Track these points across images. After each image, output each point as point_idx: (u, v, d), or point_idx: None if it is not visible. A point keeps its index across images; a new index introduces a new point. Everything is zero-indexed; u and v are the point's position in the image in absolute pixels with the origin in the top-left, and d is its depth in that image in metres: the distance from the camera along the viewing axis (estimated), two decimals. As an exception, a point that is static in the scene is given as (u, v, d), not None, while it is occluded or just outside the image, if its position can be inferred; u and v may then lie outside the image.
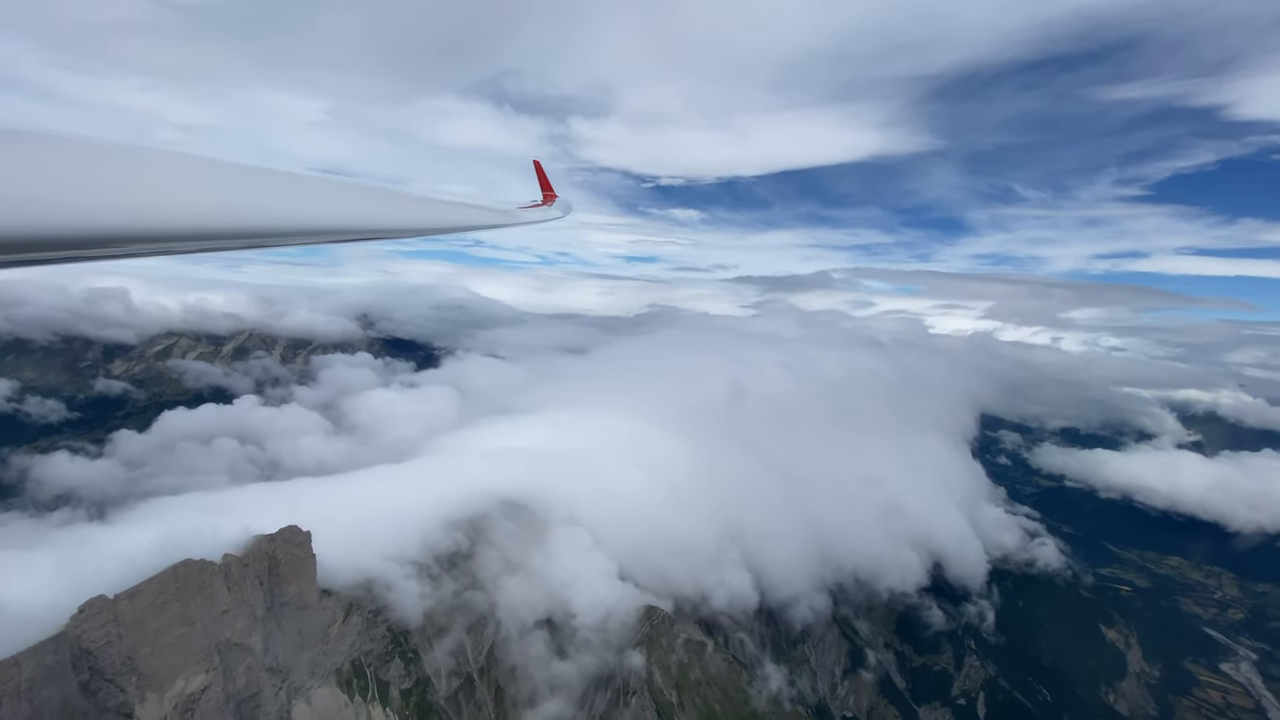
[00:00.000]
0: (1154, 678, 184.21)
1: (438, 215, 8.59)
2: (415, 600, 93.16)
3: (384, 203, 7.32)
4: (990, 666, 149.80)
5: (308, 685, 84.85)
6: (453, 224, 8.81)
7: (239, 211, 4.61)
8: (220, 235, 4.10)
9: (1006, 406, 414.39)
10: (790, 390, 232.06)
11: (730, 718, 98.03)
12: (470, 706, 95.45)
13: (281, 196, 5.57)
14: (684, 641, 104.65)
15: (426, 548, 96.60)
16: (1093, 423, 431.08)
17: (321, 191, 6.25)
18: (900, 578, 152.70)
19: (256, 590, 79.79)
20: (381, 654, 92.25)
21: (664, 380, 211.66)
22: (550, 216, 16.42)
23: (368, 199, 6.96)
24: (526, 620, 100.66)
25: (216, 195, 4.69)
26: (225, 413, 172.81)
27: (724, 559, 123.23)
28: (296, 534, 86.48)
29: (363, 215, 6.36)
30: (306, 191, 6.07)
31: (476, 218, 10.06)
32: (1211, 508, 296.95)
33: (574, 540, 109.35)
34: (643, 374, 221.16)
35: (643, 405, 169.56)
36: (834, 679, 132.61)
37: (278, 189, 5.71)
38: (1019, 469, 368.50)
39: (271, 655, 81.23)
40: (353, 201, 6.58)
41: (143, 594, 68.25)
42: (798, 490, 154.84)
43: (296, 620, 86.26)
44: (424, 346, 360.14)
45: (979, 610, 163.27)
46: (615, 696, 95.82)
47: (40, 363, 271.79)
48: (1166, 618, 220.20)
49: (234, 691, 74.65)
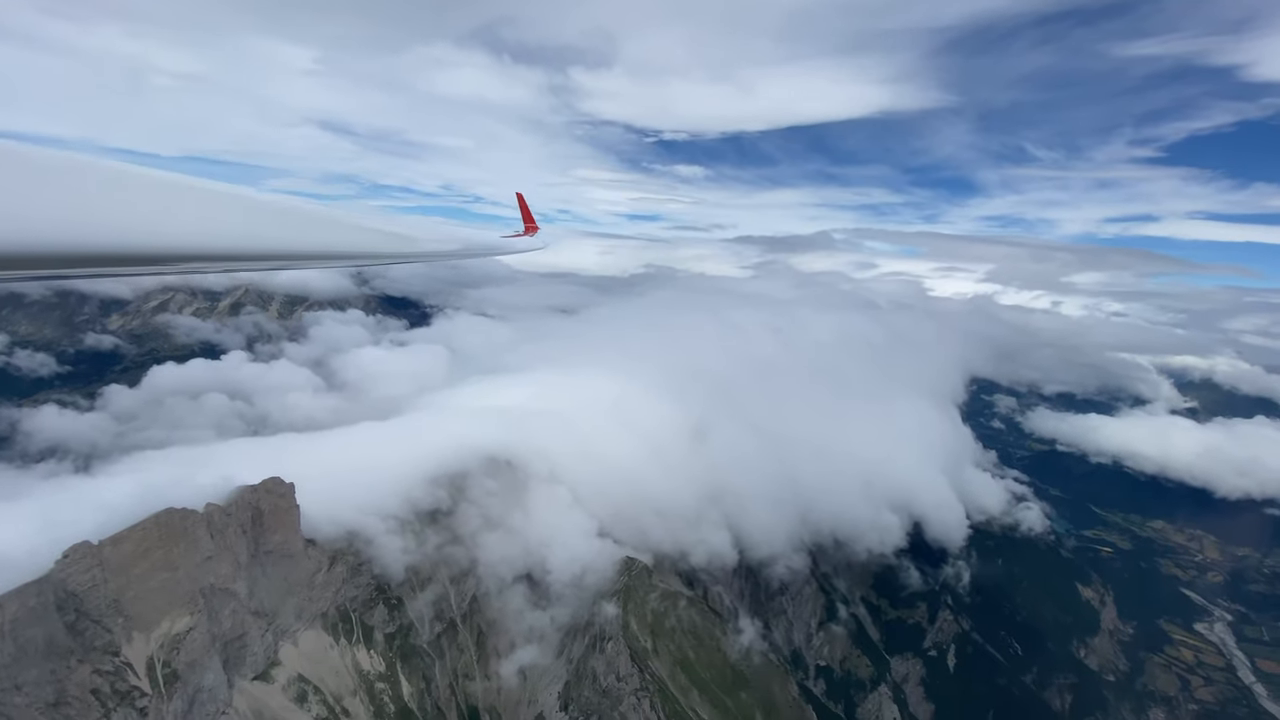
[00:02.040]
0: (1126, 635, 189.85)
1: (424, 244, 8.61)
2: (398, 555, 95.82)
3: (370, 228, 7.38)
4: (964, 621, 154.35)
5: (294, 628, 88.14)
6: (438, 252, 8.86)
7: (220, 234, 4.65)
8: (197, 258, 4.13)
9: (1002, 371, 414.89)
10: (778, 353, 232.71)
11: (704, 665, 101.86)
12: (453, 650, 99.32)
13: (271, 221, 5.63)
14: (660, 592, 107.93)
15: (408, 503, 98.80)
16: (1089, 388, 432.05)
17: (311, 218, 6.31)
18: (879, 540, 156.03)
19: (240, 538, 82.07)
20: (366, 600, 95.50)
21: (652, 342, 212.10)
22: (532, 247, 16.88)
23: (354, 224, 7.00)
24: (506, 576, 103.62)
25: (197, 218, 4.71)
26: (215, 368, 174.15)
27: (704, 519, 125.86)
28: (279, 485, 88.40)
29: (349, 241, 6.38)
30: (296, 217, 6.13)
31: (461, 247, 10.23)
32: (1200, 473, 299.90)
33: (554, 498, 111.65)
34: (632, 335, 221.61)
35: (629, 366, 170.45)
36: (810, 630, 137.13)
37: (268, 214, 5.78)
38: (1012, 433, 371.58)
39: (257, 600, 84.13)
40: (340, 227, 6.58)
41: (126, 540, 70.35)
42: (780, 452, 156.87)
43: (282, 567, 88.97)
44: (417, 304, 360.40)
45: (956, 570, 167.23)
46: (592, 643, 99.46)
47: (36, 317, 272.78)
48: (1145, 578, 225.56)
49: (219, 633, 77.68)
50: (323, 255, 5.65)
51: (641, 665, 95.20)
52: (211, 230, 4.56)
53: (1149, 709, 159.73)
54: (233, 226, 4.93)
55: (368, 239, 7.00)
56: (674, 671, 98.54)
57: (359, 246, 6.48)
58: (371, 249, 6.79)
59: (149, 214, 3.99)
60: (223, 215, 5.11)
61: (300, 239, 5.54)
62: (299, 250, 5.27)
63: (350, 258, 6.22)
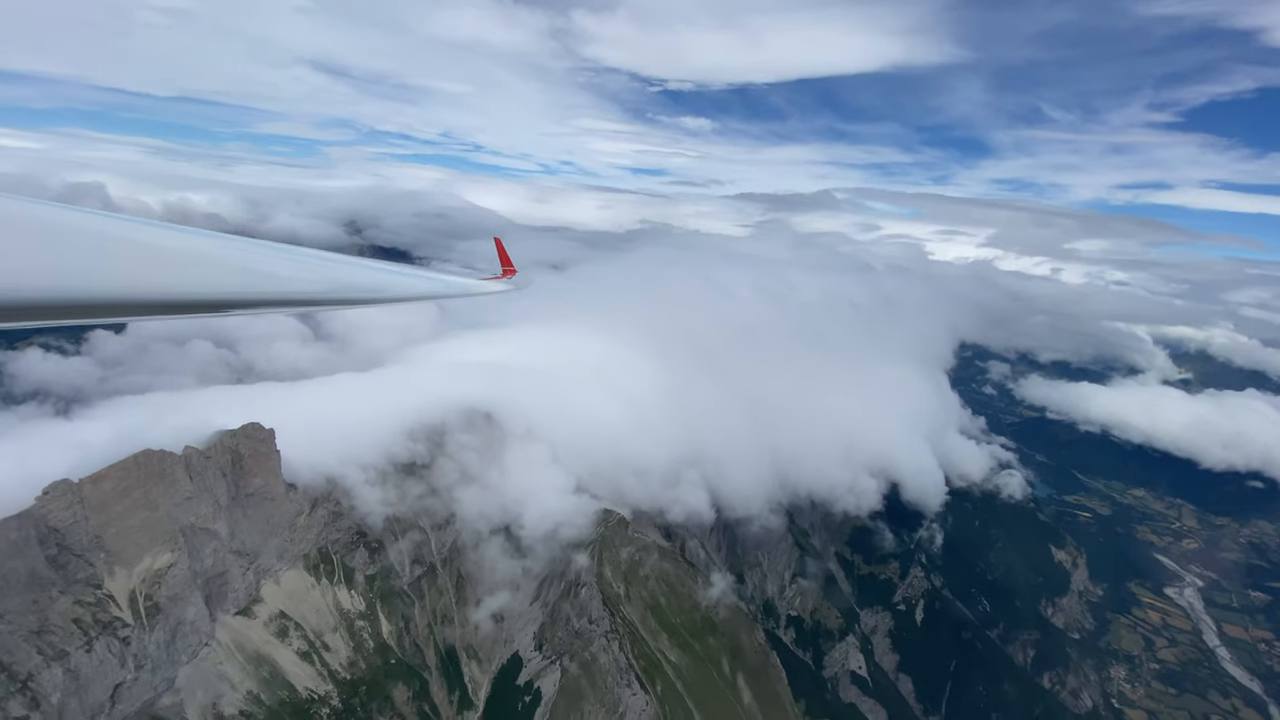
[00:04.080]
0: (1096, 596, 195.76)
1: (403, 285, 8.54)
2: (376, 506, 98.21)
3: (348, 273, 7.30)
4: (936, 578, 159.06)
5: (276, 568, 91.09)
6: (417, 294, 8.72)
7: (197, 280, 4.68)
8: (173, 306, 4.10)
9: (997, 337, 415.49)
10: (763, 314, 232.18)
11: (674, 611, 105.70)
12: (432, 592, 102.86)
13: (249, 264, 5.64)
14: (635, 542, 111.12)
15: (386, 456, 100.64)
16: (1084, 356, 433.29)
17: (285, 260, 6.34)
18: (856, 503, 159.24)
19: (219, 480, 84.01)
20: (347, 543, 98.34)
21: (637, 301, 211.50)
22: (511, 287, 16.39)
23: (319, 268, 6.88)
24: (483, 530, 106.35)
25: (173, 263, 4.72)
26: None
27: (682, 480, 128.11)
28: (258, 430, 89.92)
29: (324, 285, 6.35)
30: (272, 260, 6.13)
31: (439, 288, 10.12)
32: (1186, 444, 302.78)
33: (532, 454, 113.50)
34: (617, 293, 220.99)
35: (612, 325, 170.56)
36: (783, 582, 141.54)
37: (244, 257, 5.79)
38: (1003, 399, 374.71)
39: (238, 540, 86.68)
40: (314, 271, 6.55)
41: (105, 479, 72.14)
42: (761, 415, 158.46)
43: (263, 510, 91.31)
44: (406, 255, 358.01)
45: (931, 531, 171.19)
46: (567, 589, 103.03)
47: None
48: (1120, 543, 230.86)
49: (201, 570, 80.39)
50: (285, 301, 5.60)
51: (613, 610, 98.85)
52: (168, 277, 4.50)
53: (1110, 666, 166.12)
54: (190, 272, 4.90)
55: (336, 280, 6.99)
56: (645, 616, 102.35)
57: (325, 290, 6.39)
58: (340, 291, 6.70)
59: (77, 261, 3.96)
60: (183, 260, 5.14)
61: (261, 284, 5.53)
62: (257, 296, 5.23)
63: (315, 303, 6.12)
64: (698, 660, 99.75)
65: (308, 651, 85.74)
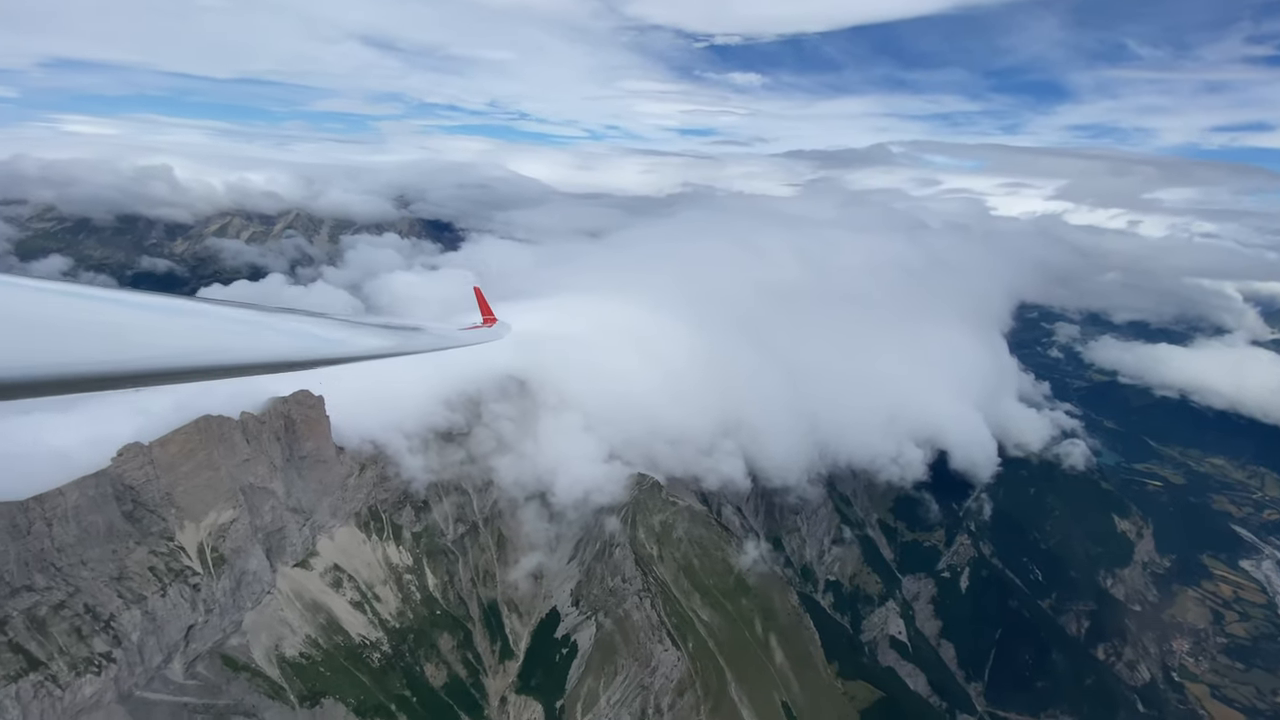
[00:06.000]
0: (1162, 568, 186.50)
1: (377, 342, 8.40)
2: (420, 473, 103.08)
3: (312, 329, 7.30)
4: (985, 546, 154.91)
5: (329, 524, 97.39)
6: (392, 349, 8.49)
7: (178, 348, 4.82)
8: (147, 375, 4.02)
9: (1064, 297, 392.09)
10: (805, 278, 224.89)
11: (707, 572, 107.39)
12: (474, 549, 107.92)
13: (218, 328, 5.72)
14: (669, 505, 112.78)
15: (426, 424, 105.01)
16: (1165, 316, 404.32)
17: (250, 323, 6.34)
18: (900, 474, 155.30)
19: (274, 444, 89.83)
20: (394, 503, 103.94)
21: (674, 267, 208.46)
22: (489, 338, 16.43)
23: (296, 326, 6.93)
24: (519, 496, 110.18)
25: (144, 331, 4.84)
26: (256, 290, 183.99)
27: (718, 449, 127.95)
28: (309, 397, 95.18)
29: (291, 346, 6.31)
30: (234, 323, 6.13)
31: (417, 342, 10.01)
32: (1277, 409, 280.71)
33: (566, 423, 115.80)
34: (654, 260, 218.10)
35: (648, 292, 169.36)
36: (822, 547, 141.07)
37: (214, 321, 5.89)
38: (1070, 363, 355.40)
39: (294, 498, 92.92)
40: (281, 333, 6.56)
41: (171, 442, 78.39)
42: (801, 383, 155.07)
43: (316, 471, 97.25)
44: (450, 227, 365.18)
45: (980, 501, 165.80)
46: (601, 549, 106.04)
47: (108, 241, 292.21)
48: (1192, 513, 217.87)
49: (261, 525, 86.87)
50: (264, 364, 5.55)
51: (645, 570, 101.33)
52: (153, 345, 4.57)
53: (1172, 639, 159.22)
54: (175, 339, 4.94)
55: (310, 337, 6.95)
56: (677, 577, 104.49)
57: (299, 351, 6.29)
58: (312, 351, 6.61)
59: None
60: (178, 329, 5.23)
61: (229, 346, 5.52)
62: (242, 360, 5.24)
63: (290, 364, 6.03)
64: (729, 620, 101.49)
65: (360, 601, 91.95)
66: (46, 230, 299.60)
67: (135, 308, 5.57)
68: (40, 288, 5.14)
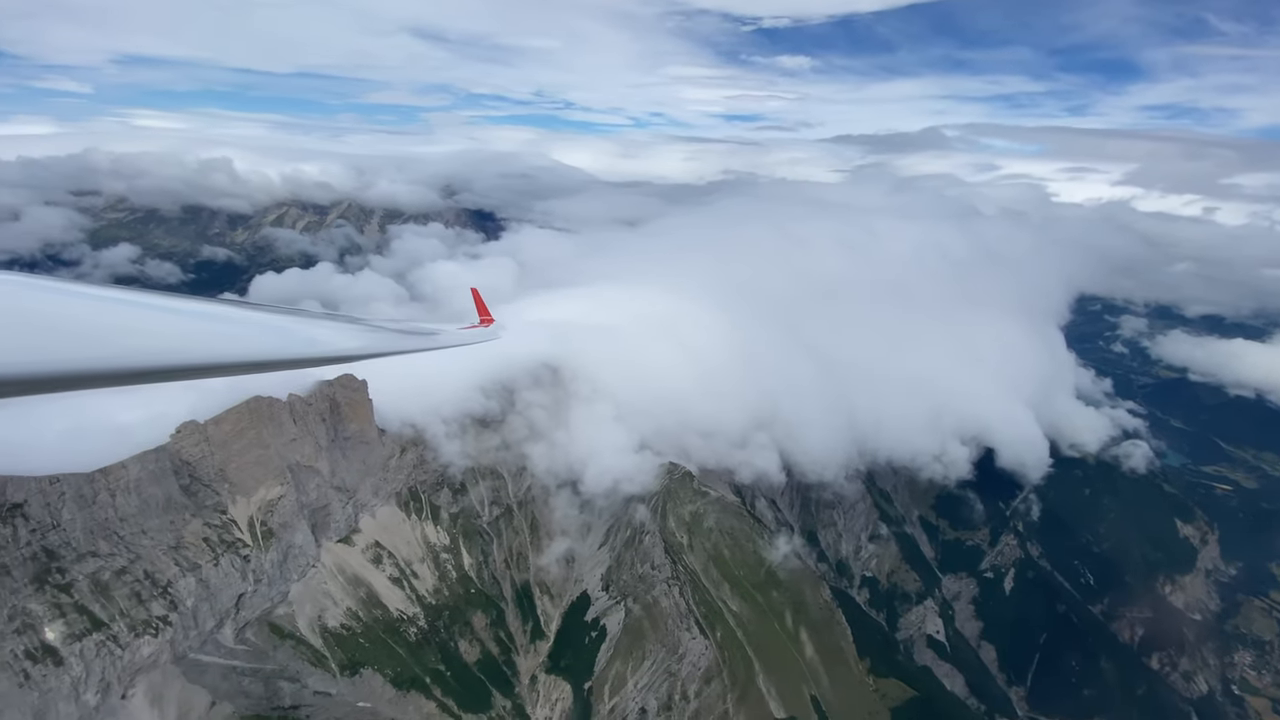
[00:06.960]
0: (1227, 575, 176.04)
1: (373, 340, 8.55)
2: (456, 457, 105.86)
3: (310, 330, 7.40)
4: (1033, 547, 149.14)
5: (372, 503, 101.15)
6: (388, 349, 8.61)
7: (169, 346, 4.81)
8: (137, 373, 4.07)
9: (1129, 289, 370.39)
10: (847, 268, 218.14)
11: (738, 563, 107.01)
12: (509, 531, 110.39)
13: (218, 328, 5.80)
14: (701, 495, 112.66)
15: (463, 410, 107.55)
16: (1241, 310, 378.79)
17: (249, 321, 6.45)
18: (944, 472, 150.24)
19: (320, 425, 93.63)
20: (433, 484, 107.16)
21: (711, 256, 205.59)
22: (484, 338, 16.69)
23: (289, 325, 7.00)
24: (551, 484, 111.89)
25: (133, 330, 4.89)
26: (307, 278, 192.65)
27: (751, 442, 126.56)
28: (353, 381, 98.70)
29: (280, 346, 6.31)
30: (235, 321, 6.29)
31: (411, 342, 10.06)
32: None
33: (596, 413, 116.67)
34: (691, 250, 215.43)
35: (684, 282, 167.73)
36: (859, 543, 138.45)
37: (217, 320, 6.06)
38: (1136, 358, 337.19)
39: (338, 477, 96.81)
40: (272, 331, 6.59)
41: (224, 421, 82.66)
42: (840, 378, 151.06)
43: (360, 452, 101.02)
44: (492, 216, 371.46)
45: (1029, 500, 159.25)
46: (631, 536, 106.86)
47: (174, 230, 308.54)
48: (1264, 519, 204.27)
49: (307, 502, 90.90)
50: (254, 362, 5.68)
51: (675, 558, 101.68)
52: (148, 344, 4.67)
53: (1234, 651, 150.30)
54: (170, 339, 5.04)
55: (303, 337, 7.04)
56: (707, 566, 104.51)
57: (293, 350, 6.41)
58: (305, 350, 6.69)
59: None
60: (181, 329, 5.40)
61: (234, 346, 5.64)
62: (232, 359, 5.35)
63: (286, 363, 6.14)
64: (759, 611, 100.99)
65: (399, 577, 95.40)
66: (118, 220, 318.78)
67: (146, 308, 5.79)
68: (41, 287, 5.31)
